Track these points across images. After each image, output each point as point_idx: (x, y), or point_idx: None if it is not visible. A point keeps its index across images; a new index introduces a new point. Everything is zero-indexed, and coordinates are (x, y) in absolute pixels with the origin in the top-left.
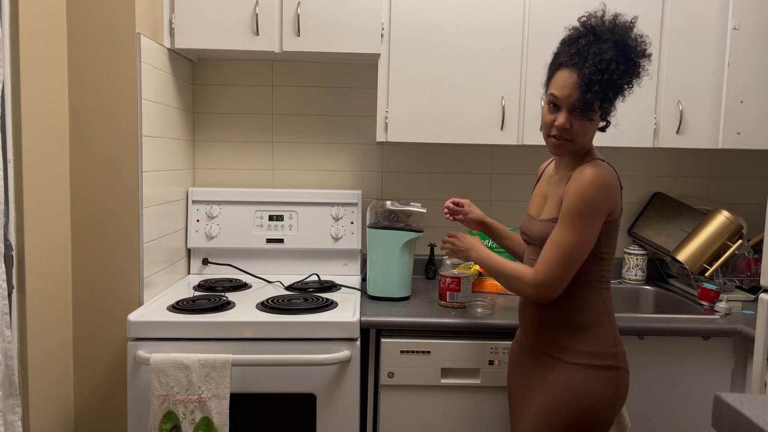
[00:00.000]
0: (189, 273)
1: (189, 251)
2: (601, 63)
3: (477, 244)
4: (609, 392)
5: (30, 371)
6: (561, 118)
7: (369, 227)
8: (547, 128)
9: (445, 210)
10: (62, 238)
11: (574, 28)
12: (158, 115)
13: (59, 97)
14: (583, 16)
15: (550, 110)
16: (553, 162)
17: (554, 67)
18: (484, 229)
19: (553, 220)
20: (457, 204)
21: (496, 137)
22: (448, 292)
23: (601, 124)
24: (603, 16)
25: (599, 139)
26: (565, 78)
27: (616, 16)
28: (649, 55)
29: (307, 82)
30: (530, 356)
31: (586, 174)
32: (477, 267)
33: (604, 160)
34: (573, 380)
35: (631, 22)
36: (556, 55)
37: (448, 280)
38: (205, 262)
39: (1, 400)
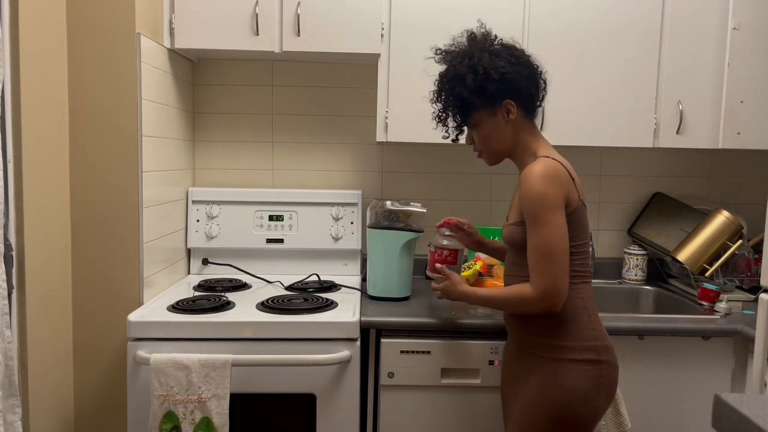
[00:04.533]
0: (189, 273)
1: (189, 251)
2: (436, 84)
3: (469, 292)
4: (588, 385)
5: (30, 371)
6: (462, 140)
7: (369, 227)
8: None
9: (444, 223)
10: (62, 239)
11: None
12: (158, 115)
13: (59, 97)
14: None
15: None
16: None
17: None
18: (481, 248)
19: (516, 224)
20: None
21: None
22: (442, 264)
23: (451, 135)
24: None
25: (600, 140)
26: None
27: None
28: (482, 71)
29: (307, 82)
30: (516, 356)
31: (528, 172)
32: (477, 267)
33: (548, 157)
34: (552, 375)
35: (452, 48)
36: None
37: (445, 252)
38: (205, 262)
39: (1, 400)
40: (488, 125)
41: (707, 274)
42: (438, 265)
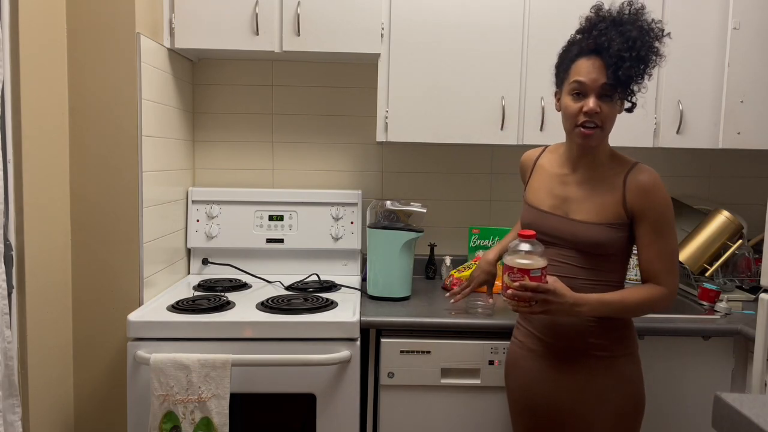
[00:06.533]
0: (189, 273)
1: (189, 251)
2: (627, 41)
3: (585, 303)
4: (640, 372)
5: (30, 371)
6: (591, 103)
7: (369, 227)
8: (574, 117)
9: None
10: (62, 238)
11: (587, 19)
12: (158, 115)
13: (59, 97)
14: (594, 7)
15: (574, 99)
16: (551, 156)
17: (570, 59)
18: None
19: (609, 225)
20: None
21: (496, 137)
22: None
23: (627, 105)
24: (612, 6)
25: None
26: (589, 64)
27: (626, 3)
28: (668, 34)
29: (307, 82)
30: (566, 361)
31: (656, 179)
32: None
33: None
34: (624, 370)
35: (641, 8)
36: (569, 48)
37: (541, 272)
38: (205, 262)
39: (1, 400)
40: (617, 107)
41: (707, 274)
42: (532, 283)
